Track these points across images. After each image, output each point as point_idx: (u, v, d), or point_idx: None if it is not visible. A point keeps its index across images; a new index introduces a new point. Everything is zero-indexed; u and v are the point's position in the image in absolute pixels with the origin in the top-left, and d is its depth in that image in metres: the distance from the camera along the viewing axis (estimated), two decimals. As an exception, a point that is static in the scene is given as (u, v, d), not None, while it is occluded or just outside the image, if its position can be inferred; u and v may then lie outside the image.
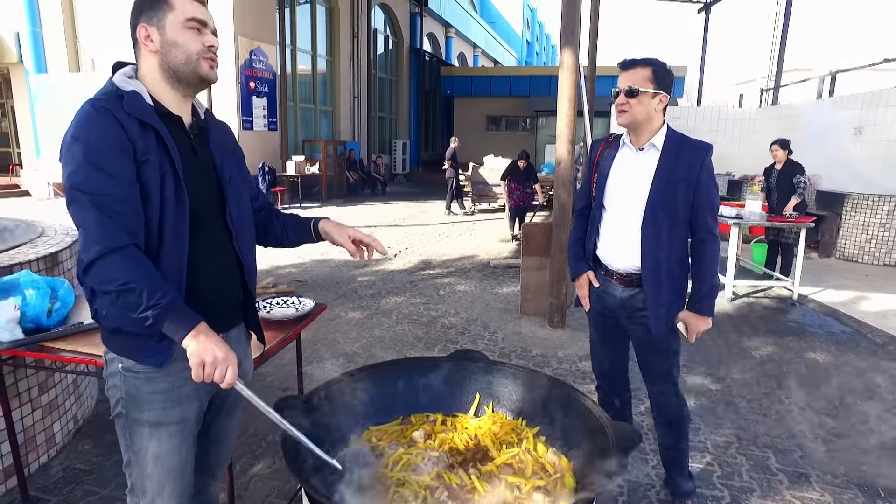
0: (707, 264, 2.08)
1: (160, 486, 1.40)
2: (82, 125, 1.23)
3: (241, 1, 12.23)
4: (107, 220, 1.20)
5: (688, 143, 2.06)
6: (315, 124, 16.70)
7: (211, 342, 1.23)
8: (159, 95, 1.35)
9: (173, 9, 1.31)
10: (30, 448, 2.47)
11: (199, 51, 1.33)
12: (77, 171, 1.21)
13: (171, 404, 1.37)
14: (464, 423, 1.65)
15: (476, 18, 31.68)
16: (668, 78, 2.02)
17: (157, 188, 1.27)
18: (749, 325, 4.89)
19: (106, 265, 1.20)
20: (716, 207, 2.08)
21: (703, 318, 2.11)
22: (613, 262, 2.18)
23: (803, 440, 2.96)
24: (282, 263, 7.09)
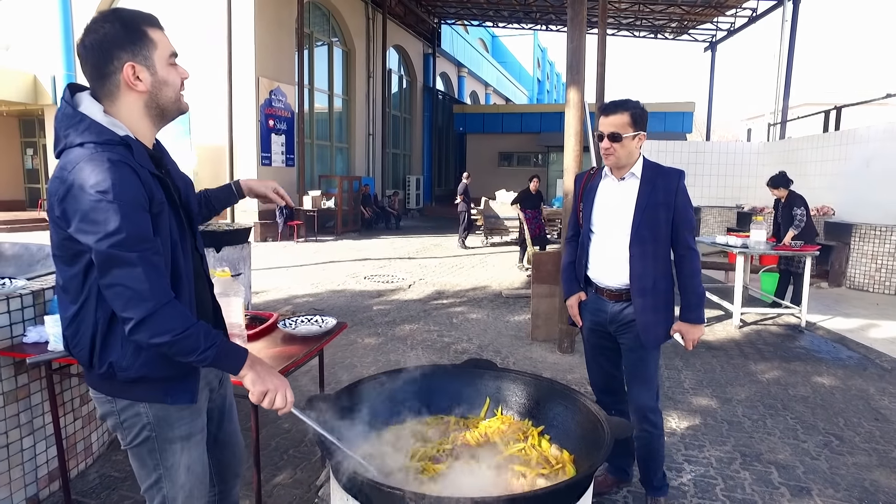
0: (691, 276, 2.29)
1: (191, 493, 1.48)
2: (111, 181, 1.18)
3: (262, 44, 12.85)
4: (154, 275, 1.22)
5: (662, 171, 2.29)
6: (331, 160, 17.19)
7: (265, 371, 1.34)
8: (137, 131, 1.33)
9: (157, 45, 1.29)
10: (70, 455, 2.65)
11: (180, 85, 1.35)
12: (117, 231, 1.18)
13: (195, 416, 1.47)
14: (475, 424, 1.81)
15: (488, 58, 32.62)
16: (644, 117, 2.25)
17: (168, 236, 1.31)
18: (756, 351, 4.97)
19: (161, 318, 1.22)
20: (693, 225, 2.31)
21: (697, 326, 2.31)
22: (604, 280, 2.38)
23: (806, 457, 3.04)
24: (299, 293, 7.30)
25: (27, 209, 17.16)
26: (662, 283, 2.27)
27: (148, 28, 1.30)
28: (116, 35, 1.26)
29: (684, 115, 20.59)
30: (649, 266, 2.26)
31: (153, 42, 1.29)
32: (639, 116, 2.22)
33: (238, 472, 1.79)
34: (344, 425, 1.62)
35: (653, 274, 2.26)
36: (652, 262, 2.26)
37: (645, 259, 2.26)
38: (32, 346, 2.34)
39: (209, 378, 1.56)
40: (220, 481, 1.74)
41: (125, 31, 1.27)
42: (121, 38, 1.26)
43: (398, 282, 8.27)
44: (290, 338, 2.55)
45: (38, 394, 2.48)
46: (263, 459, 2.91)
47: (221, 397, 1.67)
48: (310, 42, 15.57)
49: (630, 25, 19.76)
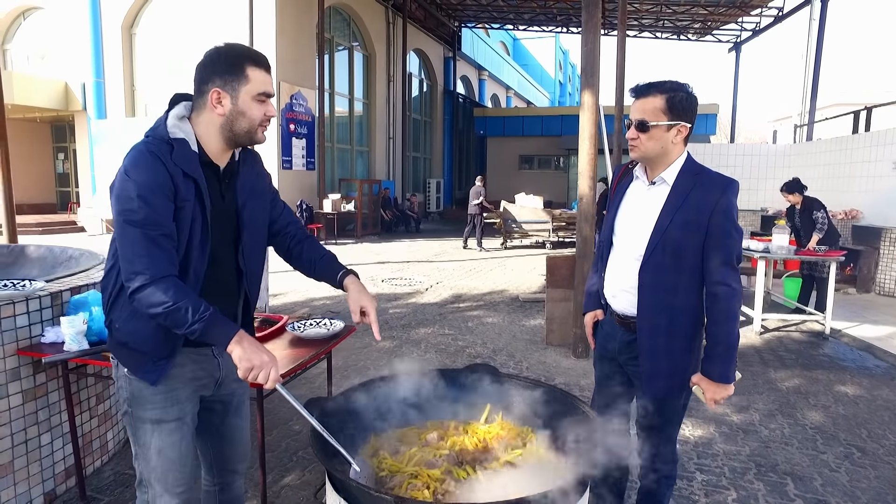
0: (719, 323, 1.78)
1: (164, 476, 1.56)
2: (136, 165, 1.38)
3: (284, 49, 13.05)
4: (155, 251, 1.36)
5: (704, 179, 1.81)
6: (351, 164, 17.34)
7: (254, 347, 1.40)
8: (206, 144, 1.50)
9: (249, 81, 1.45)
10: (86, 453, 2.72)
11: (260, 120, 1.49)
12: (131, 208, 1.36)
13: (170, 404, 1.54)
14: (474, 429, 1.80)
15: (509, 61, 32.57)
16: (687, 105, 1.78)
17: (187, 231, 1.44)
18: (777, 358, 4.86)
19: (154, 290, 1.35)
20: (732, 255, 1.77)
21: (718, 384, 1.80)
22: (613, 303, 2.01)
23: (825, 469, 2.96)
24: (317, 296, 7.38)
25: (58, 212, 17.68)
26: (683, 321, 1.84)
27: (249, 66, 1.46)
28: (218, 64, 1.45)
29: (707, 117, 20.24)
30: (664, 300, 1.83)
31: (247, 78, 1.45)
32: (678, 102, 1.75)
33: (238, 468, 1.83)
34: (342, 428, 1.63)
35: (668, 311, 1.83)
36: (669, 296, 1.83)
37: (658, 291, 1.83)
38: (50, 346, 2.41)
39: (198, 374, 1.60)
40: (219, 472, 1.79)
41: (227, 63, 1.45)
42: (220, 68, 1.45)
43: (416, 285, 8.29)
44: (298, 340, 2.58)
45: (55, 392, 2.55)
46: (273, 460, 2.94)
47: (228, 394, 1.72)
48: (330, 47, 15.74)
49: (652, 27, 19.55)
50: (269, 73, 1.50)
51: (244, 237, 1.60)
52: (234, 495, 1.85)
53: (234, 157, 1.60)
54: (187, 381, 1.57)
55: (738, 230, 1.80)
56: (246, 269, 1.62)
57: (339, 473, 1.30)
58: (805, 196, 5.91)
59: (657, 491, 2.07)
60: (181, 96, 1.55)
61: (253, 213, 1.63)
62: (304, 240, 1.80)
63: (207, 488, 1.83)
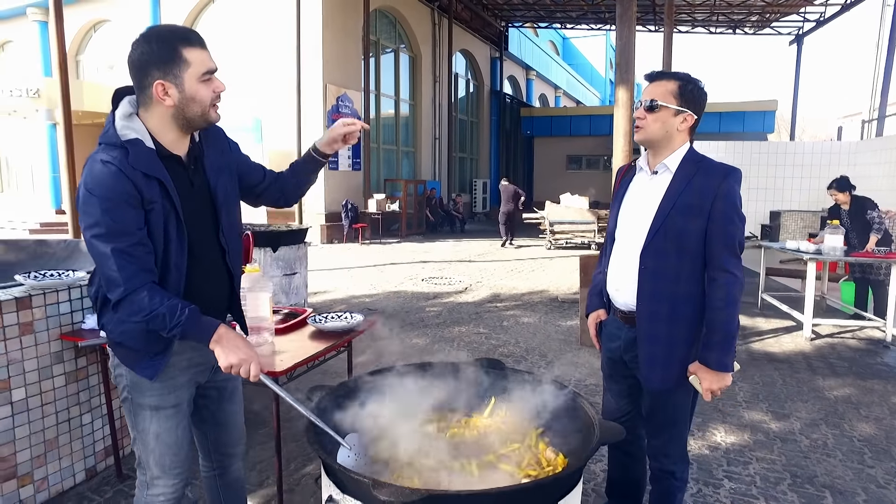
0: (718, 309, 1.77)
1: (161, 459, 1.62)
2: (96, 181, 1.36)
3: (331, 52, 13.36)
4: (126, 264, 1.37)
5: (706, 167, 1.82)
6: (397, 164, 17.56)
7: (232, 344, 1.44)
8: (161, 137, 1.47)
9: (190, 64, 1.40)
10: (122, 435, 2.87)
11: (211, 99, 1.46)
12: (96, 224, 1.35)
13: (167, 391, 1.60)
14: (475, 422, 1.80)
15: (557, 61, 32.15)
16: (696, 95, 1.82)
17: (161, 231, 1.44)
18: (827, 365, 4.59)
19: (131, 303, 1.39)
20: (734, 241, 1.79)
21: (715, 373, 1.77)
22: (618, 298, 1.98)
23: (871, 484, 2.77)
24: (356, 293, 7.51)
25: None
26: (685, 309, 1.82)
27: (183, 47, 1.41)
28: (151, 55, 1.40)
29: (765, 114, 19.34)
30: (665, 286, 1.82)
31: (186, 61, 1.41)
32: (689, 92, 1.79)
33: (234, 452, 1.89)
34: (344, 416, 1.66)
35: (670, 297, 1.82)
36: (670, 283, 1.81)
37: (659, 277, 1.82)
38: (89, 331, 2.56)
39: (196, 361, 1.66)
40: (217, 457, 1.86)
41: (160, 51, 1.40)
42: (155, 58, 1.40)
43: (455, 284, 8.31)
44: (318, 333, 2.64)
45: (94, 376, 2.71)
46: (296, 450, 3.02)
47: (223, 380, 1.78)
48: (376, 49, 16.00)
49: (705, 21, 18.85)
50: (205, 48, 1.45)
51: (221, 217, 1.61)
52: (234, 478, 1.91)
53: (195, 140, 1.59)
54: (185, 368, 1.63)
55: (741, 217, 1.80)
56: (228, 247, 1.64)
57: (326, 457, 1.33)
58: (854, 195, 5.57)
59: (667, 493, 2.02)
60: (122, 91, 1.51)
61: (225, 189, 1.63)
62: (276, 176, 1.81)
63: (206, 474, 1.90)
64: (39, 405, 2.46)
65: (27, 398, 2.41)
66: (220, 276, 1.68)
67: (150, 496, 1.65)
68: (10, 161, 20.37)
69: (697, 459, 2.95)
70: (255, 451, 3.01)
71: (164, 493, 1.65)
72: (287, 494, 2.56)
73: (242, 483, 1.97)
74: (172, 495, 1.66)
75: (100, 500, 2.55)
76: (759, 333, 5.54)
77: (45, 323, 2.48)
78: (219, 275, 1.67)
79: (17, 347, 2.37)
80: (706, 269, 1.81)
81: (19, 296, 2.38)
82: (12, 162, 20.32)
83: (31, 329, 2.42)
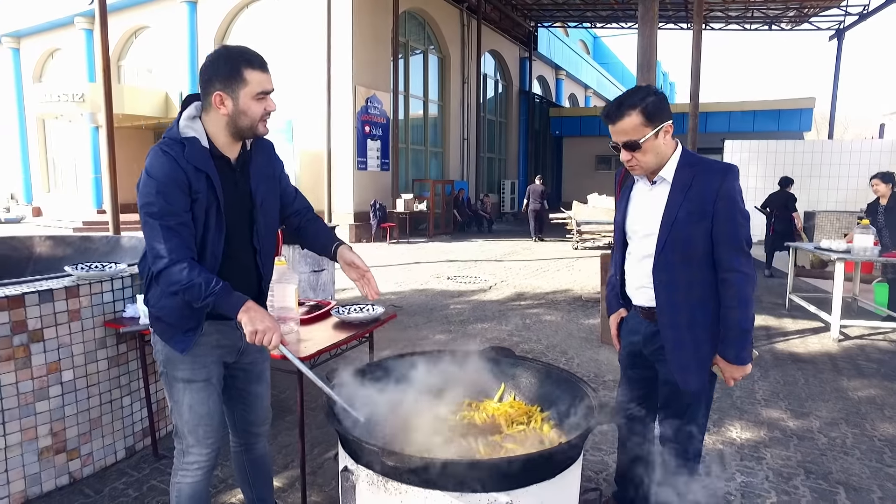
0: (732, 307, 1.83)
1: (195, 428, 1.79)
2: (154, 167, 1.59)
3: (360, 54, 13.61)
4: (171, 238, 1.57)
5: (702, 170, 1.86)
6: (425, 164, 17.73)
7: (259, 315, 1.59)
8: (215, 139, 1.69)
9: (248, 84, 1.61)
10: (159, 418, 3.06)
11: (261, 115, 1.66)
12: (150, 202, 1.57)
13: (197, 367, 1.77)
14: (486, 406, 1.90)
15: (588, 60, 31.89)
16: (661, 105, 1.82)
17: (203, 219, 1.64)
18: (853, 366, 4.52)
19: (172, 272, 1.56)
20: (741, 240, 1.83)
21: (734, 365, 1.88)
22: (635, 297, 2.07)
23: (888, 482, 2.76)
24: (383, 291, 7.67)
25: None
26: (702, 312, 1.89)
27: (245, 68, 1.61)
28: (217, 70, 1.62)
29: (801, 112, 18.84)
30: (680, 296, 1.88)
31: (245, 80, 1.61)
32: (653, 107, 1.79)
33: (259, 431, 2.04)
34: (359, 397, 1.78)
35: (686, 305, 1.88)
36: (684, 291, 1.88)
37: (673, 289, 1.89)
38: (129, 319, 2.76)
39: (222, 343, 1.82)
40: (242, 434, 2.02)
41: (224, 68, 1.61)
42: (219, 73, 1.61)
43: (480, 283, 8.41)
44: (341, 323, 2.78)
45: (134, 361, 2.91)
46: (321, 437, 3.17)
47: (249, 362, 1.94)
48: (405, 50, 16.20)
49: (740, 18, 18.47)
50: (265, 71, 1.65)
51: (258, 219, 1.79)
52: (258, 455, 2.07)
53: (246, 147, 1.78)
54: (212, 348, 1.79)
55: (744, 215, 1.84)
56: (260, 248, 1.82)
57: (342, 429, 1.45)
58: (894, 191, 5.44)
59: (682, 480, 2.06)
60: (192, 97, 1.73)
61: (265, 196, 1.82)
62: (312, 220, 2.00)
63: (234, 449, 2.07)
64: (85, 386, 2.67)
65: (75, 379, 2.62)
66: (250, 274, 1.85)
67: (185, 463, 1.82)
68: (57, 162, 21.32)
69: (711, 454, 2.99)
70: (282, 436, 3.16)
71: (198, 461, 1.82)
72: (310, 476, 2.70)
73: (267, 460, 2.11)
74: (205, 464, 1.83)
75: (139, 475, 2.74)
76: (784, 334, 5.47)
77: (90, 311, 2.68)
78: (248, 272, 1.84)
79: (67, 332, 2.57)
80: (718, 271, 1.86)
81: (69, 285, 2.59)
82: (58, 163, 21.26)
83: (78, 316, 2.62)
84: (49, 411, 2.52)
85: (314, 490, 2.62)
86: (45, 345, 2.49)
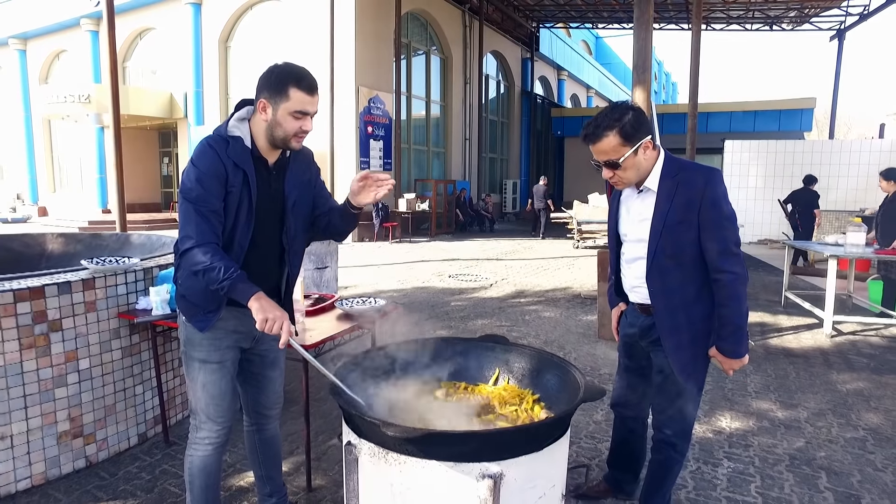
0: (726, 306, 1.93)
1: (207, 406, 1.93)
2: (199, 157, 1.77)
3: (363, 56, 13.75)
4: (202, 223, 1.72)
5: (685, 178, 1.93)
6: (428, 164, 17.86)
7: (269, 304, 1.70)
8: (258, 142, 1.85)
9: (289, 99, 1.76)
10: (170, 406, 3.19)
11: (294, 132, 1.80)
12: (190, 188, 1.74)
13: (213, 349, 1.90)
14: (481, 389, 2.02)
15: (590, 61, 31.98)
16: (638, 122, 1.90)
17: (234, 211, 1.80)
18: (844, 361, 4.63)
19: (197, 253, 1.70)
20: (728, 242, 1.91)
21: (731, 358, 1.98)
22: (632, 295, 2.18)
23: (868, 468, 2.87)
24: (385, 288, 7.80)
25: (162, 210, 19.58)
26: (698, 310, 1.99)
27: (292, 87, 1.76)
28: (269, 82, 1.78)
29: (802, 112, 18.91)
30: (675, 299, 1.98)
31: (288, 97, 1.76)
32: (630, 127, 1.87)
33: (271, 413, 2.17)
34: (361, 382, 1.90)
35: (682, 307, 1.98)
36: (679, 295, 1.97)
37: (668, 294, 1.98)
38: (142, 311, 2.89)
39: (239, 329, 1.95)
40: (255, 416, 2.15)
41: (274, 82, 1.77)
42: (269, 83, 1.78)
43: (481, 281, 8.52)
44: (345, 315, 2.90)
45: (146, 352, 3.04)
46: (325, 425, 3.29)
47: (265, 349, 2.07)
48: (408, 51, 16.33)
49: (741, 18, 18.55)
50: (311, 94, 1.79)
51: (288, 221, 1.93)
52: (269, 436, 2.20)
53: (286, 155, 1.92)
54: (229, 332, 1.92)
55: (730, 217, 1.93)
56: (288, 247, 1.96)
57: (346, 405, 1.57)
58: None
59: (665, 464, 2.18)
60: (245, 101, 1.91)
61: (298, 202, 1.96)
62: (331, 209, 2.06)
63: (247, 429, 2.20)
64: (100, 375, 2.80)
65: (91, 368, 2.75)
66: (275, 269, 1.98)
67: (197, 438, 1.96)
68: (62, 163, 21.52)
69: (700, 441, 3.10)
70: (288, 425, 3.28)
71: (209, 437, 1.95)
72: (315, 462, 2.82)
73: (277, 441, 2.24)
74: (216, 440, 1.96)
75: (151, 460, 2.87)
76: (779, 330, 5.58)
77: (105, 302, 2.81)
78: (274, 268, 1.98)
79: (84, 323, 2.70)
80: (710, 272, 1.95)
81: (85, 278, 2.71)
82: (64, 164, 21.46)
83: (94, 307, 2.75)
84: (67, 397, 2.65)
85: (318, 474, 2.74)
86: (64, 334, 2.62)
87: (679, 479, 2.69)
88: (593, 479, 2.60)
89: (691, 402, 2.13)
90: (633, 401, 2.36)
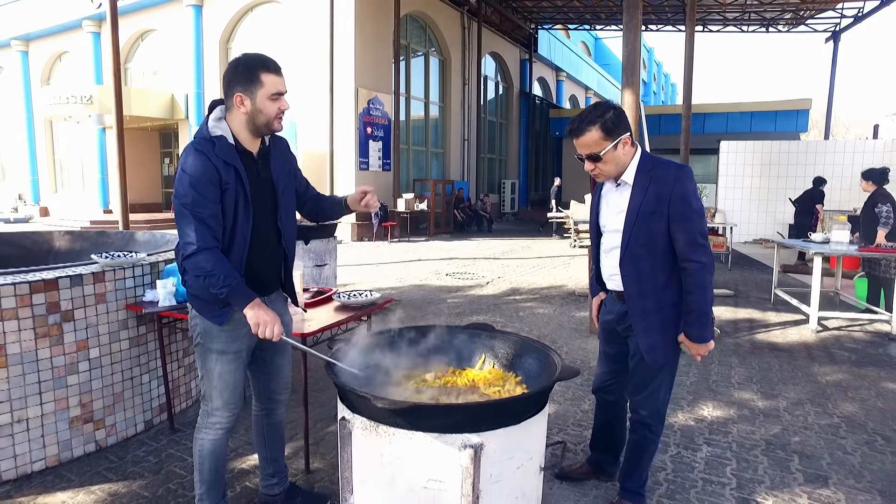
0: (692, 293, 2.06)
1: (221, 394, 2.05)
2: (188, 162, 1.82)
3: (362, 57, 13.89)
4: (200, 227, 1.80)
5: (658, 174, 2.08)
6: (427, 165, 18.00)
7: (262, 311, 1.86)
8: (239, 136, 1.94)
9: (263, 85, 1.86)
10: (175, 395, 3.34)
11: (276, 114, 1.91)
12: (184, 194, 1.81)
13: (230, 340, 2.01)
14: (467, 373, 2.17)
15: (588, 62, 32.15)
16: (619, 120, 2.06)
17: (233, 207, 1.89)
18: (827, 355, 4.78)
19: (199, 259, 1.79)
20: (695, 234, 2.05)
21: (697, 343, 2.11)
22: (609, 283, 2.33)
23: (838, 451, 3.02)
24: (383, 286, 7.94)
25: (163, 210, 19.73)
26: (668, 296, 2.13)
27: (262, 72, 1.86)
28: (237, 73, 1.87)
29: (798, 113, 19.04)
30: (646, 285, 2.12)
31: (261, 83, 1.86)
32: (611, 123, 2.04)
33: (279, 398, 2.32)
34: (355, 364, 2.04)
35: (652, 292, 2.12)
36: (649, 281, 2.12)
37: (639, 280, 2.13)
38: (149, 303, 3.03)
39: None
40: (265, 401, 2.29)
41: (244, 73, 1.86)
42: (239, 76, 1.87)
43: (477, 279, 8.66)
44: (342, 307, 3.05)
45: (153, 342, 3.19)
46: (323, 414, 3.44)
47: None
48: (407, 53, 16.48)
49: (737, 20, 18.70)
50: (279, 74, 1.91)
51: (280, 204, 2.06)
52: (277, 420, 2.34)
53: (265, 143, 2.04)
54: (244, 323, 2.00)
55: (697, 211, 2.08)
56: (283, 230, 2.09)
57: (339, 381, 1.72)
58: (878, 189, 5.67)
59: (641, 443, 2.33)
60: (217, 102, 1.99)
61: (285, 186, 2.10)
62: (317, 196, 2.28)
63: (256, 413, 2.34)
64: (109, 363, 2.94)
65: (100, 356, 2.89)
66: (276, 253, 2.12)
67: (209, 423, 2.10)
68: (64, 163, 21.66)
69: (682, 429, 3.25)
70: (287, 412, 3.41)
71: (220, 422, 2.09)
72: (313, 446, 2.97)
73: (283, 425, 2.39)
74: (226, 424, 2.10)
75: (157, 445, 3.01)
76: (766, 326, 5.73)
77: (114, 295, 2.96)
78: (274, 252, 2.11)
79: (94, 314, 2.85)
80: (678, 261, 2.09)
81: (96, 271, 2.86)
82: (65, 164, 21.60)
83: (104, 299, 2.90)
84: (78, 384, 2.80)
85: (316, 458, 2.89)
86: (76, 324, 2.77)
87: (658, 462, 2.84)
88: (576, 464, 2.74)
89: (664, 384, 2.28)
90: (612, 386, 2.50)
